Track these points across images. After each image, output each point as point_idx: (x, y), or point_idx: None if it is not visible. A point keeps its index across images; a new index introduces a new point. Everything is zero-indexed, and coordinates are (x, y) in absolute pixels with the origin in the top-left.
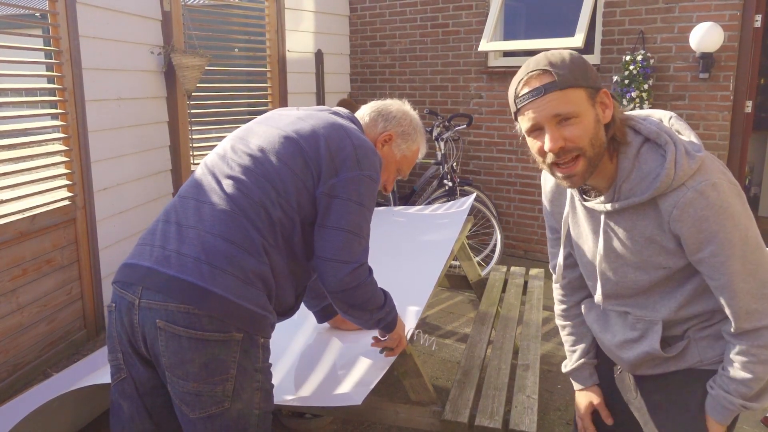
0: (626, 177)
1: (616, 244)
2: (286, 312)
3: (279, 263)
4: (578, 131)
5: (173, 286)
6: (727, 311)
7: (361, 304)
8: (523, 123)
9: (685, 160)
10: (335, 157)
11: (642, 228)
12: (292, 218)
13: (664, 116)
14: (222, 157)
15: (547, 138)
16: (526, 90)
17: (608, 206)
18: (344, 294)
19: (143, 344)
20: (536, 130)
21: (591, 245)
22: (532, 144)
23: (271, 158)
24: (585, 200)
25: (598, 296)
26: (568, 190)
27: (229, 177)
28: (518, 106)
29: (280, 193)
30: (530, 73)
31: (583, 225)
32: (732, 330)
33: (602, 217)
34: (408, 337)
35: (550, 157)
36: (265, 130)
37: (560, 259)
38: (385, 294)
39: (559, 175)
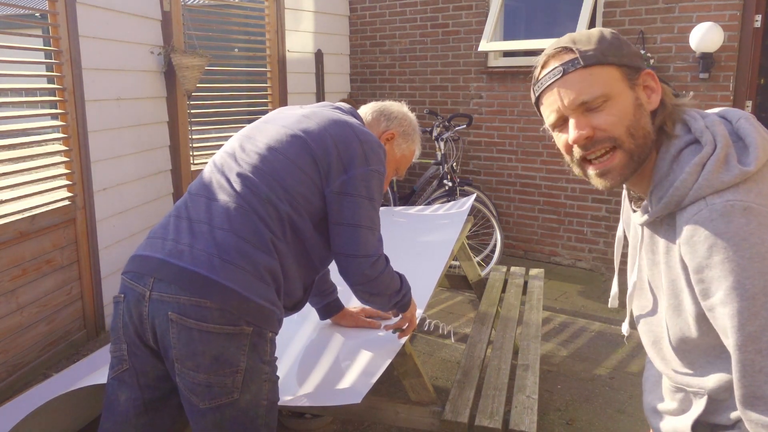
0: (659, 182)
1: (654, 271)
2: (295, 306)
3: (288, 258)
4: (611, 117)
5: (185, 278)
6: (734, 383)
7: (381, 292)
8: (546, 115)
9: (716, 167)
10: (343, 155)
11: (675, 251)
12: (301, 214)
13: (733, 116)
14: (231, 155)
15: (570, 126)
16: (543, 73)
17: (642, 218)
18: (366, 285)
19: (152, 336)
20: (561, 122)
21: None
22: (558, 139)
23: (279, 156)
24: (633, 210)
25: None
26: (626, 201)
27: (238, 175)
28: (536, 94)
29: (288, 189)
30: (549, 54)
31: (636, 244)
32: (738, 408)
33: (642, 233)
34: (417, 322)
35: (577, 152)
36: (273, 128)
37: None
38: (401, 277)
39: (592, 172)
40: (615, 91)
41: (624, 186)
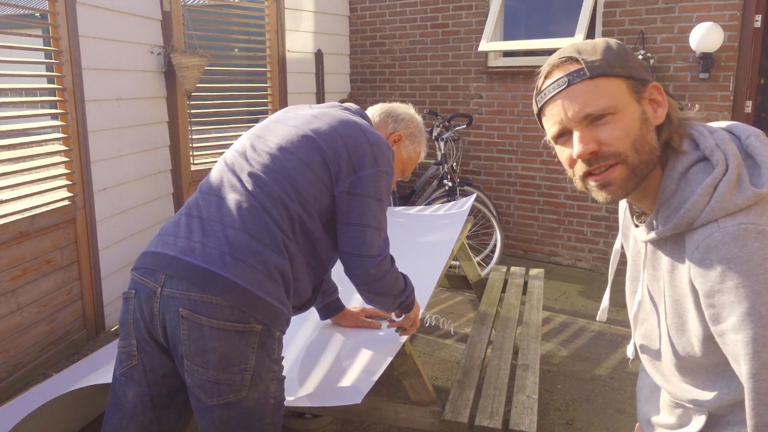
0: (666, 201)
1: (655, 287)
2: (303, 305)
3: (298, 258)
4: (616, 132)
5: (197, 275)
6: (746, 412)
7: (386, 292)
8: (548, 126)
9: (729, 189)
10: (353, 156)
11: (682, 271)
12: (311, 214)
13: (742, 132)
14: (242, 154)
15: (575, 140)
16: (547, 83)
17: (647, 235)
18: (371, 285)
19: (162, 332)
20: (564, 134)
21: (636, 286)
22: (561, 153)
23: (290, 157)
24: (636, 225)
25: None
26: (626, 215)
27: (250, 174)
28: (539, 105)
29: (299, 190)
30: (553, 63)
31: (637, 259)
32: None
33: (645, 249)
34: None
35: (580, 167)
36: (284, 128)
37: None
38: (405, 278)
39: (593, 184)
40: (621, 104)
41: (625, 200)
